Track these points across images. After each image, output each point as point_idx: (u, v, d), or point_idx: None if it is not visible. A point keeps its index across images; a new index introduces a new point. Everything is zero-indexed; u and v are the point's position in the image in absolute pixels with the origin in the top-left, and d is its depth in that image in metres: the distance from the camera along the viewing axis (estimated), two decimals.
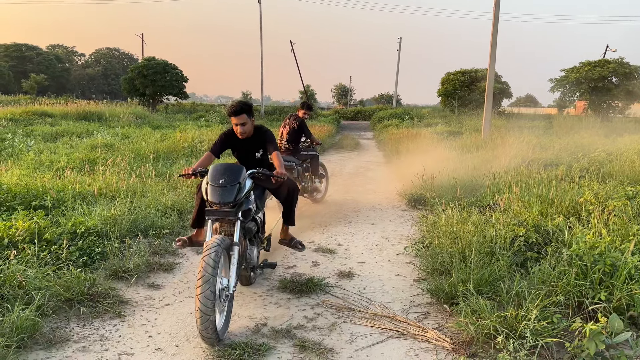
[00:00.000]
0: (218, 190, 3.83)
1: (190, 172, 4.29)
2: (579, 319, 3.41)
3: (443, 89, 36.40)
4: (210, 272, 3.34)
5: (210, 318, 3.32)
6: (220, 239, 3.60)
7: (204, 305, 3.29)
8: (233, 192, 3.84)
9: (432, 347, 3.62)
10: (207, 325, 3.33)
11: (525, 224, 5.24)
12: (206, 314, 3.30)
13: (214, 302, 3.34)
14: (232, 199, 3.82)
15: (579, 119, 25.51)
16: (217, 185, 3.85)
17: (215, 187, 3.85)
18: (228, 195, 3.82)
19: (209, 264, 3.36)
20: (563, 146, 13.13)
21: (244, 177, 4.02)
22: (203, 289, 3.30)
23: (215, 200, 3.82)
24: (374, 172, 13.13)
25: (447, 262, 4.81)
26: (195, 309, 3.36)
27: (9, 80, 69.03)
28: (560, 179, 7.78)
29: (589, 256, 4.06)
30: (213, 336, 3.41)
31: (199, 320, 3.32)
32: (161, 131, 18.10)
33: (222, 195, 3.81)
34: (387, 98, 77.12)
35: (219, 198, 3.81)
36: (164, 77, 38.34)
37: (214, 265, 3.37)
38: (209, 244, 3.51)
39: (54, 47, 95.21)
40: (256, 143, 4.80)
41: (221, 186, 3.84)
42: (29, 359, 3.31)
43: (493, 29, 16.80)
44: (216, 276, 3.40)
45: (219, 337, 3.50)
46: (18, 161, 9.67)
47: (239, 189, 3.89)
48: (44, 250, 4.78)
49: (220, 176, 3.90)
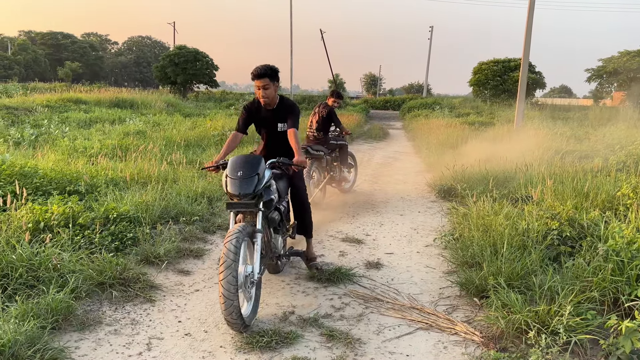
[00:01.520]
0: (237, 183, 3.82)
1: (213, 165, 4.28)
2: (615, 316, 3.31)
3: (475, 79, 35.83)
4: (232, 257, 3.38)
5: (234, 303, 3.35)
6: (241, 226, 3.62)
7: (227, 291, 3.33)
8: (252, 184, 3.81)
9: (461, 340, 3.57)
10: (231, 310, 3.37)
11: (559, 218, 5.11)
12: (229, 299, 3.34)
13: (236, 287, 3.37)
14: (251, 190, 3.80)
15: (616, 110, 24.76)
16: (235, 178, 3.84)
17: (234, 180, 3.84)
18: (247, 187, 3.79)
19: (230, 250, 3.40)
20: (599, 138, 12.77)
21: (263, 167, 3.98)
22: (225, 275, 3.34)
23: (235, 192, 3.80)
24: (403, 163, 13.02)
25: (477, 254, 4.73)
26: (219, 295, 3.39)
27: (45, 68, 70.74)
28: (596, 172, 7.57)
29: (627, 252, 3.93)
30: (238, 321, 3.44)
31: (223, 305, 3.36)
32: (192, 119, 18.28)
33: (241, 187, 3.79)
34: (417, 87, 76.36)
35: (238, 190, 3.79)
36: (194, 66, 38.71)
37: (235, 251, 3.40)
38: (230, 232, 3.54)
39: (89, 35, 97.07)
40: (279, 114, 4.63)
41: (239, 178, 3.82)
42: (63, 340, 3.39)
43: (528, 18, 16.39)
44: (237, 262, 3.43)
45: (246, 323, 3.52)
46: (54, 147, 9.89)
47: (257, 180, 3.85)
48: (77, 234, 4.88)
49: (238, 168, 3.88)
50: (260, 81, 4.39)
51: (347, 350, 3.41)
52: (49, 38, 79.49)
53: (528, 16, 16.41)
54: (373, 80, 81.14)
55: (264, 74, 4.37)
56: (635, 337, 3.09)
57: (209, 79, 40.27)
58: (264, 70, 4.37)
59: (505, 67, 34.54)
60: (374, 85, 79.68)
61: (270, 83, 4.41)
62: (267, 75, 4.38)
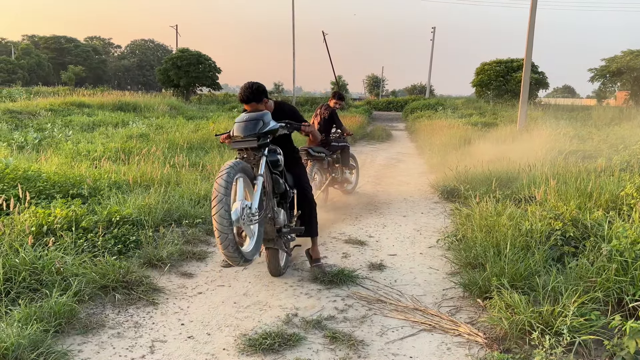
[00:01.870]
0: (242, 125, 4.03)
1: (226, 132, 4.50)
2: (619, 316, 3.29)
3: (478, 80, 35.80)
4: (223, 192, 3.46)
5: (229, 237, 3.44)
6: (233, 162, 3.76)
7: (220, 225, 3.42)
8: (256, 126, 4.00)
9: (465, 342, 3.56)
10: (227, 244, 3.45)
11: (563, 218, 5.10)
12: (223, 232, 3.43)
13: (230, 221, 3.45)
14: (255, 131, 3.98)
15: (620, 110, 24.70)
16: (241, 122, 4.05)
17: (240, 123, 4.05)
18: (251, 128, 3.99)
19: (220, 185, 3.49)
20: (602, 138, 12.73)
21: (269, 117, 4.17)
22: (217, 209, 3.43)
23: (240, 132, 4.00)
24: (406, 164, 13.01)
25: (480, 255, 4.72)
26: (214, 230, 3.47)
27: (48, 72, 71.03)
28: (600, 171, 7.54)
29: (631, 252, 3.91)
30: (235, 254, 3.53)
31: (219, 239, 3.45)
32: (195, 122, 18.30)
33: (245, 129, 4.00)
34: (419, 89, 76.27)
35: (242, 131, 3.99)
36: (197, 68, 38.81)
37: (225, 185, 3.49)
38: (223, 167, 3.66)
39: (92, 39, 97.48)
40: (278, 119, 4.60)
41: (245, 121, 4.03)
42: (66, 343, 3.39)
43: (530, 18, 16.37)
44: (229, 196, 3.50)
45: (245, 257, 3.64)
46: (57, 150, 9.92)
47: (262, 124, 4.04)
48: (80, 237, 4.89)
49: (245, 116, 4.12)
50: (249, 106, 4.44)
51: (351, 352, 3.40)
52: (52, 42, 79.89)
53: (530, 16, 16.38)
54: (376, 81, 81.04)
55: (247, 99, 4.39)
56: (639, 338, 3.08)
57: (212, 82, 40.34)
58: (246, 96, 4.38)
59: (508, 67, 34.49)
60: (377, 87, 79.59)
61: (258, 105, 4.44)
62: (252, 99, 4.39)
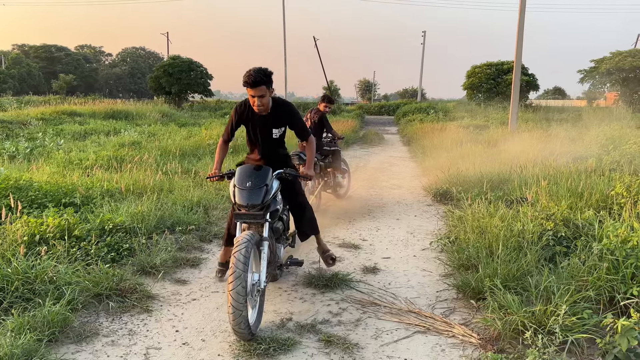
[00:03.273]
0: (245, 193, 3.81)
1: (217, 175, 4.23)
2: (611, 315, 3.32)
3: (469, 82, 35.97)
4: (242, 268, 3.35)
5: (243, 313, 3.34)
6: (249, 234, 3.60)
7: (236, 301, 3.30)
8: (260, 195, 3.81)
9: (459, 343, 3.58)
10: (239, 320, 3.35)
11: (554, 218, 5.14)
12: (238, 309, 3.31)
13: (245, 298, 3.34)
14: (260, 201, 3.80)
15: (610, 110, 24.90)
16: (244, 189, 3.83)
17: (243, 190, 3.83)
18: (256, 198, 3.80)
19: (239, 260, 3.37)
20: (593, 138, 12.82)
21: (271, 178, 3.98)
22: (235, 285, 3.31)
23: (243, 203, 3.80)
24: (399, 167, 13.04)
25: (473, 257, 4.74)
26: (227, 305, 3.37)
27: (39, 81, 70.69)
28: (590, 172, 7.60)
29: (621, 250, 3.96)
30: (246, 331, 3.43)
31: (232, 316, 3.33)
32: (187, 129, 18.27)
33: (249, 198, 3.79)
34: (411, 92, 76.53)
35: (247, 200, 3.79)
36: (189, 75, 38.75)
37: (244, 261, 3.38)
38: (239, 240, 3.52)
39: (82, 47, 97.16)
40: (276, 119, 4.30)
41: (248, 189, 3.82)
42: (60, 352, 3.38)
43: (519, 20, 16.50)
44: (247, 272, 3.40)
45: (252, 332, 3.51)
46: (48, 159, 9.88)
47: (266, 191, 3.85)
48: (73, 246, 4.87)
49: (247, 179, 3.87)
50: (257, 90, 3.97)
51: (345, 355, 3.41)
52: (43, 51, 79.50)
53: (519, 18, 16.51)
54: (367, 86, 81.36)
55: (259, 82, 3.93)
56: (631, 335, 3.10)
57: (204, 89, 40.29)
58: (259, 77, 3.92)
59: (498, 70, 34.68)
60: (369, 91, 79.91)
61: (267, 91, 4.02)
62: (263, 82, 3.95)
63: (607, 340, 3.20)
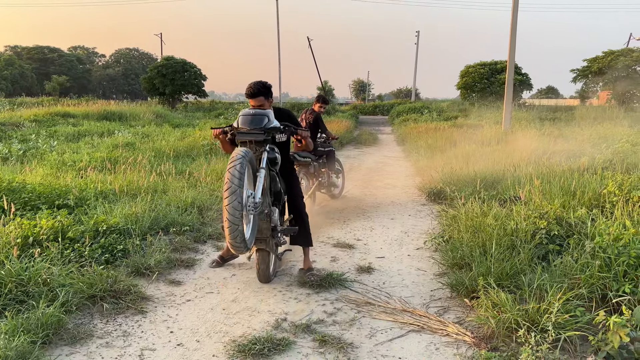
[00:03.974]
0: (249, 117, 4.15)
1: (221, 127, 4.51)
2: (603, 312, 3.34)
3: (462, 82, 36.09)
4: (237, 183, 3.50)
5: (239, 228, 3.51)
6: (244, 150, 3.78)
7: (232, 216, 3.48)
8: (263, 120, 4.14)
9: (453, 341, 3.59)
10: (235, 234, 3.52)
11: (547, 217, 5.16)
12: (234, 223, 3.49)
13: (241, 213, 3.51)
14: (262, 124, 4.11)
15: (602, 109, 25.04)
16: (248, 115, 4.15)
17: (246, 116, 4.15)
18: (258, 122, 4.12)
19: (234, 176, 3.52)
20: (586, 137, 12.91)
21: (272, 115, 4.28)
22: (230, 200, 3.47)
23: (246, 125, 4.10)
24: (393, 167, 13.07)
25: (467, 255, 4.76)
26: (224, 220, 3.52)
27: (32, 82, 70.36)
28: (583, 170, 7.65)
29: (613, 248, 3.98)
30: (242, 244, 3.62)
31: (228, 230, 3.51)
32: (181, 129, 18.26)
33: (252, 122, 4.11)
34: (405, 92, 76.72)
35: (250, 123, 4.11)
36: (182, 76, 38.70)
37: (239, 176, 3.52)
38: (234, 156, 3.67)
39: (75, 48, 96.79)
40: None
41: (252, 115, 4.16)
42: (54, 354, 3.37)
43: (512, 20, 16.57)
44: (242, 187, 3.54)
45: (247, 245, 3.71)
46: (42, 161, 9.84)
47: (268, 120, 4.16)
48: (67, 248, 4.86)
49: (250, 111, 4.23)
50: (256, 100, 4.44)
51: (340, 354, 3.42)
52: (36, 52, 79.10)
53: (512, 18, 16.58)
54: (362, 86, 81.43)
55: (258, 93, 4.42)
56: (623, 332, 3.13)
57: (198, 89, 40.24)
58: (257, 88, 4.42)
59: (492, 69, 34.82)
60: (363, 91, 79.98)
61: (265, 101, 4.47)
62: (261, 93, 4.43)
63: (600, 337, 3.22)
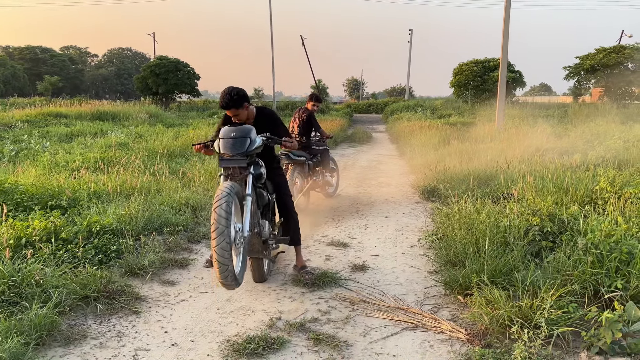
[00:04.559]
0: (230, 142, 3.96)
1: (202, 142, 4.39)
2: (595, 308, 3.38)
3: (456, 80, 36.09)
4: (224, 223, 3.43)
5: (229, 267, 3.45)
6: (229, 185, 3.70)
7: (221, 257, 3.42)
8: (244, 144, 3.96)
9: (447, 339, 3.61)
10: (226, 274, 3.47)
11: (540, 214, 5.19)
12: (224, 264, 3.44)
13: (230, 252, 3.44)
14: (244, 149, 3.94)
15: (595, 106, 25.14)
16: (228, 138, 3.98)
17: (227, 140, 3.98)
18: (239, 147, 3.94)
19: (221, 216, 3.44)
20: (578, 134, 12.96)
21: (255, 134, 4.12)
22: (219, 241, 3.40)
23: (227, 151, 3.94)
24: (387, 165, 13.09)
25: (461, 253, 4.78)
26: (213, 260, 3.47)
27: (24, 83, 69.84)
28: (576, 167, 7.69)
29: (605, 244, 4.01)
30: (233, 283, 3.57)
31: (218, 270, 3.45)
32: (174, 129, 18.20)
33: (233, 147, 3.94)
34: (399, 90, 76.84)
35: (231, 149, 3.93)
36: (176, 76, 38.59)
37: (226, 216, 3.45)
38: (219, 194, 3.58)
39: (67, 48, 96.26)
40: (259, 126, 4.51)
41: (233, 138, 3.97)
42: (48, 355, 3.36)
43: (505, 18, 16.61)
44: (230, 227, 3.48)
45: (239, 282, 3.65)
46: (34, 162, 9.78)
47: (249, 142, 3.99)
48: (60, 249, 4.84)
49: (231, 131, 4.04)
50: (230, 111, 4.37)
51: (335, 353, 3.43)
52: (27, 52, 78.54)
53: (505, 15, 16.62)
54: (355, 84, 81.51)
55: (228, 105, 4.29)
56: (615, 328, 3.15)
57: (191, 89, 40.13)
58: (225, 102, 4.28)
59: (485, 67, 34.83)
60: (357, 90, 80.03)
61: (239, 110, 4.33)
62: (232, 105, 4.28)
63: (592, 333, 3.25)
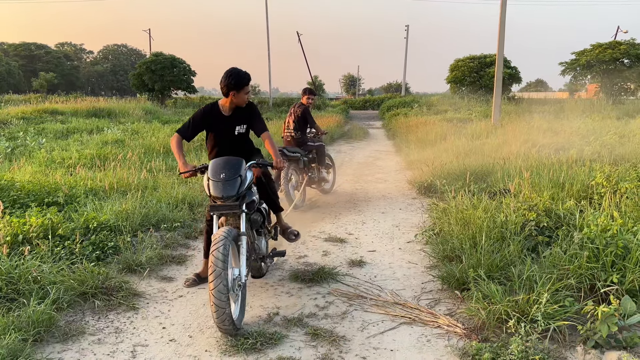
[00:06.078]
0: (220, 185, 3.80)
1: (190, 170, 4.14)
2: (591, 302, 3.40)
3: (452, 76, 36.14)
4: (221, 266, 3.36)
5: (226, 311, 3.36)
6: (226, 231, 3.59)
7: (218, 300, 3.33)
8: (235, 186, 3.81)
9: (444, 333, 3.63)
10: (223, 318, 3.37)
11: (536, 209, 5.21)
12: (221, 307, 3.34)
13: (227, 295, 3.36)
14: (235, 192, 3.80)
15: (591, 102, 25.23)
16: (218, 180, 3.82)
17: (217, 182, 3.82)
18: (230, 189, 3.79)
19: (218, 259, 3.38)
20: (574, 130, 13.00)
21: (245, 169, 3.98)
22: (216, 284, 3.33)
23: (218, 195, 3.79)
24: (384, 161, 13.10)
25: (457, 248, 4.80)
26: (210, 304, 3.39)
27: (19, 80, 69.52)
28: (572, 163, 7.72)
29: (601, 239, 4.03)
30: (230, 327, 3.46)
31: (215, 314, 3.36)
32: (170, 126, 18.17)
33: (224, 190, 3.79)
34: (395, 87, 76.78)
35: (222, 192, 3.78)
36: (172, 72, 38.41)
37: (223, 259, 3.38)
38: (216, 238, 3.51)
39: (63, 45, 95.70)
40: (240, 117, 4.42)
41: (222, 180, 3.81)
42: (46, 352, 3.36)
43: (501, 13, 16.62)
44: (227, 270, 3.41)
45: (237, 327, 3.54)
46: (30, 159, 9.77)
47: (240, 182, 3.86)
48: (57, 245, 4.84)
49: (220, 170, 3.86)
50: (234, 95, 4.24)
51: (332, 348, 3.44)
52: (22, 49, 78.11)
53: (501, 11, 16.63)
54: (352, 80, 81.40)
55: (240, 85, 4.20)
56: (611, 322, 3.18)
57: (187, 85, 39.97)
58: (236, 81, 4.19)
59: (481, 63, 34.89)
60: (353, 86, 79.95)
61: (243, 89, 4.25)
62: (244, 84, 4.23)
63: (588, 326, 3.27)
